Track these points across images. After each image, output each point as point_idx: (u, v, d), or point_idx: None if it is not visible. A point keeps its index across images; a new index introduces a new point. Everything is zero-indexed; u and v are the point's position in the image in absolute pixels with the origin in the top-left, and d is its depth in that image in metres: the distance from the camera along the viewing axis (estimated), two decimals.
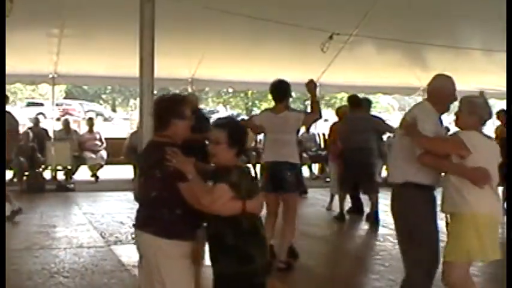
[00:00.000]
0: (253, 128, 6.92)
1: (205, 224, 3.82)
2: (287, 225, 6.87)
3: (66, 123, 15.09)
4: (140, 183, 3.89)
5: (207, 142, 4.03)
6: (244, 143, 3.80)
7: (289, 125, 6.88)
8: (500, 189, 5.61)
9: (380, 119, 10.46)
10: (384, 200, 11.88)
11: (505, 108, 12.15)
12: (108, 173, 14.50)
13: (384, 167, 11.70)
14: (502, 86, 12.36)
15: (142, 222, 3.84)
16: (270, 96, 7.50)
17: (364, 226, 9.65)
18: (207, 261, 3.88)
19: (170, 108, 3.81)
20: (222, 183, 3.60)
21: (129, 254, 7.29)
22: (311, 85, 7.09)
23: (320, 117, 7.26)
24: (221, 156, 3.72)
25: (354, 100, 10.47)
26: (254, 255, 3.63)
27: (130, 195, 11.33)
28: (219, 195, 3.57)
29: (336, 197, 10.40)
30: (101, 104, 45.51)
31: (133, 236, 3.87)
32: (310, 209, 10.69)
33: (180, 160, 3.59)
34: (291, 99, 7.53)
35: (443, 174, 4.75)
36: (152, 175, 3.72)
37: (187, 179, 3.57)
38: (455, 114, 4.74)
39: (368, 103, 10.63)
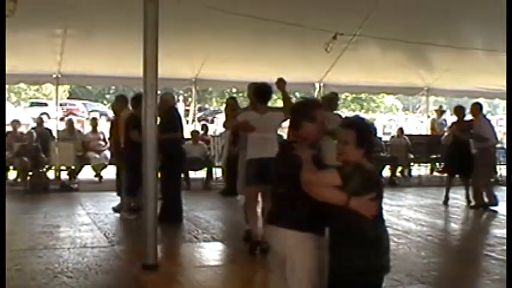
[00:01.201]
0: (247, 127, 7.40)
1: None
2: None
3: (70, 123, 15.10)
4: (274, 181, 4.19)
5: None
6: (372, 143, 3.92)
7: (274, 125, 7.53)
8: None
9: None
10: (389, 201, 11.93)
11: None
12: (112, 173, 14.49)
13: None
14: (505, 85, 12.36)
15: (275, 218, 4.05)
16: (274, 96, 7.72)
17: None
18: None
19: (303, 111, 4.06)
20: (332, 170, 3.75)
21: (133, 254, 7.29)
22: (280, 83, 7.51)
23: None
24: (349, 156, 3.79)
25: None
26: (352, 256, 3.71)
27: None
28: (323, 177, 3.74)
29: None
30: (104, 104, 45.46)
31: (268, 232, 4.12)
32: None
33: (302, 148, 3.83)
34: (294, 99, 7.83)
35: None
36: (281, 174, 4.01)
37: None
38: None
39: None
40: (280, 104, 8.18)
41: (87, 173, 14.19)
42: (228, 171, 12.05)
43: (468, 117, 12.12)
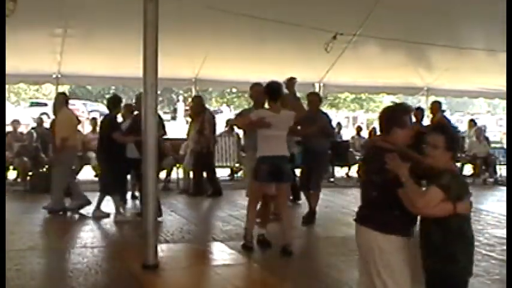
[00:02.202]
0: (263, 124, 7.22)
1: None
2: (284, 210, 7.70)
3: None
4: (362, 182, 4.40)
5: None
6: (459, 148, 4.07)
7: (287, 123, 7.48)
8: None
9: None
10: None
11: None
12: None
13: None
14: (505, 85, 12.37)
15: (363, 218, 4.25)
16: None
17: None
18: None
19: (393, 117, 4.20)
20: (434, 186, 3.86)
21: (132, 254, 7.29)
22: (289, 83, 7.79)
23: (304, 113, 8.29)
24: (438, 159, 3.97)
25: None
26: (458, 255, 3.95)
27: None
28: (431, 198, 3.85)
29: None
30: (104, 104, 45.56)
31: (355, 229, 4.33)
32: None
33: (397, 165, 3.91)
34: None
35: None
36: (372, 178, 4.16)
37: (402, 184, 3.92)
38: None
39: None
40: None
41: (87, 173, 14.17)
42: (196, 171, 12.01)
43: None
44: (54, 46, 12.40)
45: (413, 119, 11.86)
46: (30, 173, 12.87)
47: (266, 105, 7.67)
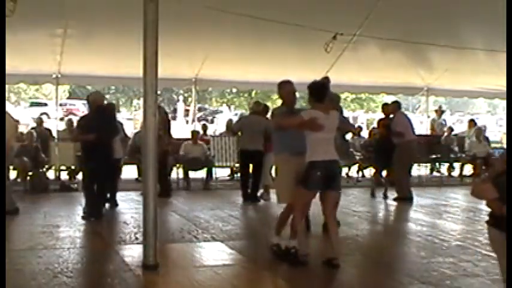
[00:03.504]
0: (317, 126, 6.72)
1: None
2: (332, 221, 7.10)
3: (70, 123, 15.10)
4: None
5: None
6: None
7: (336, 124, 7.02)
8: None
9: None
10: (389, 201, 11.92)
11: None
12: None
13: None
14: (505, 85, 12.38)
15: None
16: (273, 96, 7.64)
17: (366, 226, 9.63)
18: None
19: None
20: (488, 183, 4.09)
21: (132, 254, 7.29)
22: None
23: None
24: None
25: None
26: None
27: (133, 195, 11.38)
28: (481, 191, 4.18)
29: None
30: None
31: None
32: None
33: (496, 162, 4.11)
34: None
35: None
36: None
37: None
38: None
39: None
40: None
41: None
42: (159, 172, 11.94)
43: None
44: (54, 46, 12.41)
45: (383, 115, 12.20)
46: (30, 173, 12.87)
47: (296, 106, 7.56)
